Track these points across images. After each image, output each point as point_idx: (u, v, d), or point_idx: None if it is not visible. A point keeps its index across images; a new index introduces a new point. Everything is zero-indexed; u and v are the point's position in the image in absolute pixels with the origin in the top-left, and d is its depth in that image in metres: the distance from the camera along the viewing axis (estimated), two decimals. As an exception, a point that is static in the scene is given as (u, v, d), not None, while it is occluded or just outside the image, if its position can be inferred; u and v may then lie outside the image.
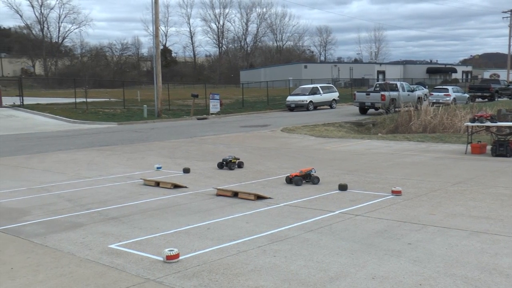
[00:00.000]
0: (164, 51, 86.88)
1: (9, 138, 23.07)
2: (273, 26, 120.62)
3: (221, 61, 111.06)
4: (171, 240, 7.17)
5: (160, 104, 34.09)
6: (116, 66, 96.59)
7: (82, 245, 7.08)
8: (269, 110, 40.23)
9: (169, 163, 14.42)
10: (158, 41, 35.07)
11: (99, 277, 5.89)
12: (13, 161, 15.70)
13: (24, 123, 30.11)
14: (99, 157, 16.19)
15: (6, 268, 6.28)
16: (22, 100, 37.39)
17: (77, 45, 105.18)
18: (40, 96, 48.31)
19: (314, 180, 10.94)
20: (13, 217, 8.77)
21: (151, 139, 21.64)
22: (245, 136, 22.11)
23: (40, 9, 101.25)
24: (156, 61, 34.20)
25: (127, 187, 11.19)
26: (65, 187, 11.41)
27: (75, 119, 31.29)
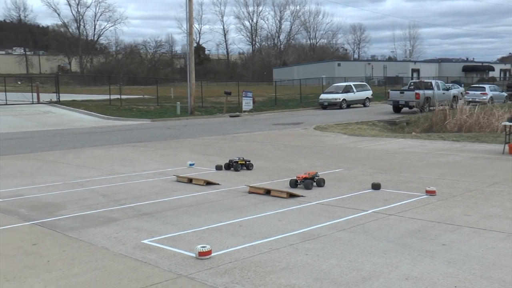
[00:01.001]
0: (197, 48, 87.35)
1: (46, 134, 23.54)
2: (307, 24, 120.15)
3: (254, 59, 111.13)
4: (203, 236, 7.20)
5: (193, 101, 34.30)
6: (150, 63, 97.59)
7: (115, 240, 7.17)
8: (301, 108, 40.09)
9: (202, 160, 14.50)
10: (192, 39, 35.29)
11: (132, 271, 5.96)
12: (50, 156, 16.01)
13: (61, 119, 30.67)
14: (133, 153, 16.39)
15: (43, 260, 6.40)
16: (58, 97, 38.09)
17: (112, 42, 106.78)
18: (76, 92, 49.14)
19: (321, 183, 10.49)
20: (49, 211, 8.95)
21: (184, 136, 21.79)
22: (278, 134, 22.09)
23: (77, 7, 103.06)
24: (190, 58, 34.42)
25: (160, 183, 11.30)
26: (99, 182, 11.58)
27: (110, 115, 31.72)
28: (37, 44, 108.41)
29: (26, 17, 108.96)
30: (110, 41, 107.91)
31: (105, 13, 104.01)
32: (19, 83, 65.38)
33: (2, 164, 14.62)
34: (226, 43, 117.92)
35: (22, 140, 21.16)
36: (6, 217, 8.65)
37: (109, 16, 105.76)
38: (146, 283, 5.58)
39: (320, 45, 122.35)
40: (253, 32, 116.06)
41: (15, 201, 9.79)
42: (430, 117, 25.33)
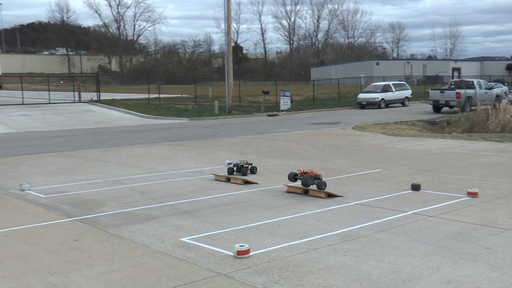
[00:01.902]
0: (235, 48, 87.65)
1: (87, 132, 24.00)
2: (345, 22, 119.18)
3: (291, 58, 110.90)
4: (241, 235, 7.22)
5: (231, 101, 34.44)
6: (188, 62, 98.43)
7: (155, 237, 7.25)
8: (339, 107, 39.82)
9: (239, 159, 14.51)
10: (230, 38, 35.43)
11: (171, 269, 6.01)
12: (90, 154, 16.31)
13: (101, 117, 31.23)
14: (171, 152, 16.55)
15: (85, 256, 6.52)
16: (99, 96, 38.78)
17: (151, 42, 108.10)
18: (116, 91, 49.92)
19: (322, 186, 9.64)
20: (90, 208, 9.11)
21: (221, 135, 21.91)
22: (316, 133, 21.98)
23: (117, 8, 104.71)
24: (228, 58, 34.56)
25: (198, 182, 11.38)
26: (138, 180, 11.73)
27: (148, 114, 32.12)
28: (79, 44, 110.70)
29: (69, 18, 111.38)
30: (149, 41, 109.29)
31: (145, 13, 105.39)
32: (62, 83, 66.88)
33: (46, 161, 14.97)
34: (264, 42, 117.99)
35: (64, 138, 21.63)
36: (49, 213, 8.85)
37: (148, 16, 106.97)
38: (184, 281, 5.62)
39: (358, 44, 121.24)
40: (291, 31, 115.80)
41: (58, 197, 10.01)
42: (472, 117, 24.80)
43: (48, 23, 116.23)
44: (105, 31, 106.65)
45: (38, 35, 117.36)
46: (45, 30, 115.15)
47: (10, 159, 15.47)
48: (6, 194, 10.46)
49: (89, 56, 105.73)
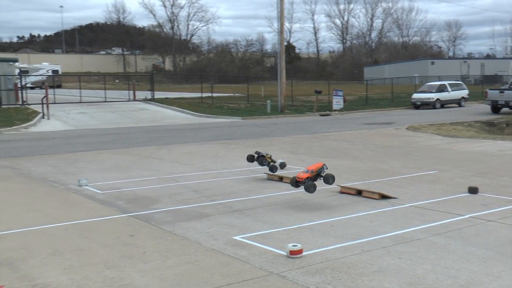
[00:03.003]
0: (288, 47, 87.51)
1: (141, 130, 24.48)
2: (399, 21, 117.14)
3: (344, 57, 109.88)
4: (294, 235, 7.19)
5: (283, 100, 34.41)
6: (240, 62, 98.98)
7: (207, 235, 7.32)
8: (393, 107, 39.16)
9: (291, 158, 14.50)
10: (283, 38, 35.40)
11: (224, 267, 6.05)
12: (144, 152, 16.62)
13: (154, 116, 31.78)
14: (224, 150, 16.67)
15: (139, 251, 6.65)
16: (153, 94, 39.45)
17: (204, 42, 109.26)
18: (169, 90, 50.69)
19: (329, 180, 8.93)
20: (144, 204, 9.28)
21: (274, 134, 21.91)
22: (368, 133, 21.69)
23: (171, 8, 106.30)
24: (281, 57, 34.54)
25: (250, 181, 11.41)
26: (191, 178, 11.87)
27: (201, 113, 32.47)
28: (134, 44, 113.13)
29: (125, 19, 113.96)
30: (202, 40, 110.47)
31: (198, 13, 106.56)
32: (117, 81, 68.48)
33: (102, 158, 15.35)
34: (317, 42, 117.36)
35: (119, 135, 22.12)
36: (105, 208, 9.07)
37: (201, 16, 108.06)
38: (237, 279, 5.65)
39: (413, 43, 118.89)
40: (344, 30, 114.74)
41: (113, 193, 10.25)
42: (533, 118, 23.90)
43: (105, 24, 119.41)
44: (159, 31, 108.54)
45: (96, 35, 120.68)
46: (102, 30, 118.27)
47: (69, 155, 15.95)
48: (65, 189, 10.78)
49: (144, 55, 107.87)
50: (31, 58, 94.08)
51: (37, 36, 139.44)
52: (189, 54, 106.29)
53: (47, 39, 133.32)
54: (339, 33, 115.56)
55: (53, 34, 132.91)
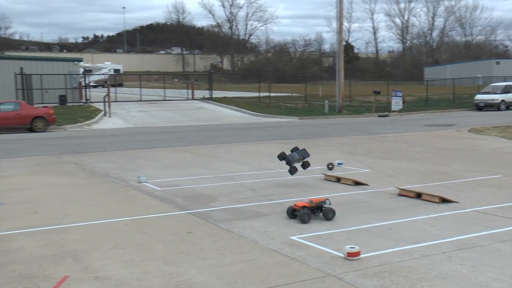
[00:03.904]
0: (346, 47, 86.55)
1: (199, 129, 24.80)
2: (462, 19, 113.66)
3: (404, 57, 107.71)
4: (351, 237, 7.10)
5: (341, 100, 34.10)
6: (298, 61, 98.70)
7: (264, 234, 7.33)
8: (454, 109, 38.10)
9: (349, 159, 14.34)
10: (342, 37, 35.07)
11: (280, 266, 6.04)
12: (202, 150, 16.82)
13: (212, 114, 32.13)
14: (281, 150, 16.61)
15: (197, 248, 6.73)
16: (211, 93, 39.90)
17: (262, 41, 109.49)
18: (227, 90, 51.13)
19: (328, 214, 7.99)
20: (202, 202, 9.39)
21: (331, 134, 21.74)
22: (428, 135, 21.18)
23: (230, 8, 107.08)
24: (339, 57, 34.24)
25: (308, 181, 11.35)
26: (248, 177, 11.92)
27: (258, 112, 32.58)
28: (193, 44, 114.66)
29: (184, 19, 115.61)
30: (261, 40, 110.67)
31: (256, 13, 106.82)
32: (176, 80, 69.61)
33: (161, 155, 15.65)
34: (376, 41, 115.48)
35: (178, 133, 22.49)
36: (164, 205, 9.24)
37: (260, 16, 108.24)
38: (294, 279, 5.63)
39: (477, 42, 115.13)
40: (404, 29, 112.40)
41: (172, 190, 10.43)
42: None
43: (165, 24, 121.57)
44: (218, 31, 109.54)
45: (156, 35, 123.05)
46: (162, 30, 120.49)
47: (129, 152, 16.34)
48: (126, 185, 11.05)
49: (202, 55, 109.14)
50: (94, 57, 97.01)
51: (101, 36, 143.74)
52: (247, 54, 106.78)
53: (110, 39, 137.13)
54: (399, 32, 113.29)
55: (116, 35, 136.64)
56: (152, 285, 5.54)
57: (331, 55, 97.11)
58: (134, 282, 5.61)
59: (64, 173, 12.62)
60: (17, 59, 39.02)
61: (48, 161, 14.63)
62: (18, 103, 24.87)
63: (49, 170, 13.08)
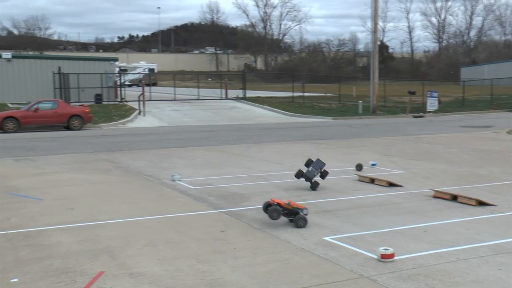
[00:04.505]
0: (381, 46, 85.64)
1: (232, 128, 24.88)
2: (502, 18, 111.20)
3: (440, 57, 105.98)
4: (385, 238, 7.02)
5: (375, 100, 33.77)
6: (332, 61, 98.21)
7: (297, 235, 7.31)
8: (492, 110, 37.31)
9: (383, 160, 14.19)
10: (376, 37, 34.73)
11: (313, 267, 6.02)
12: (235, 149, 16.87)
13: (245, 114, 32.18)
14: (314, 150, 16.58)
15: (230, 247, 6.76)
16: (244, 93, 39.98)
17: (296, 41, 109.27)
18: (260, 89, 51.17)
19: (299, 222, 7.61)
20: (235, 201, 9.42)
21: (365, 135, 21.55)
22: (465, 136, 20.80)
23: (264, 8, 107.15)
24: (374, 56, 33.92)
25: (341, 182, 11.28)
26: (281, 177, 11.90)
27: (292, 112, 32.50)
28: (227, 43, 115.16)
29: (218, 19, 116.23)
30: (294, 40, 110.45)
31: (290, 13, 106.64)
32: (210, 80, 70.04)
33: (194, 154, 15.75)
34: (411, 41, 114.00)
35: (211, 133, 22.60)
36: (197, 203, 9.31)
37: (294, 16, 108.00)
38: (327, 280, 5.60)
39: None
40: (440, 28, 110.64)
41: (205, 189, 10.48)
42: None
43: (199, 24, 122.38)
44: (252, 30, 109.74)
45: (190, 35, 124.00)
46: (196, 30, 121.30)
47: (163, 151, 16.50)
48: (160, 183, 11.16)
49: (236, 55, 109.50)
50: (129, 57, 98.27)
51: (136, 36, 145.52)
52: (281, 54, 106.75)
53: (145, 39, 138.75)
54: (435, 31, 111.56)
55: (150, 34, 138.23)
56: (186, 283, 5.58)
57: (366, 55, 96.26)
58: (168, 280, 5.66)
59: (99, 171, 12.82)
60: (55, 58, 39.83)
61: (84, 159, 14.88)
62: (56, 102, 25.38)
63: (85, 168, 13.31)
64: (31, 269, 6.02)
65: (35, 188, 10.56)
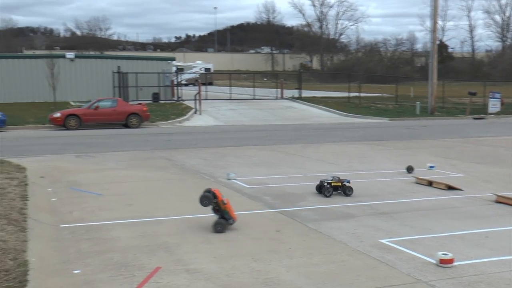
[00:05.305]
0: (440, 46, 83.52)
1: (287, 128, 24.85)
2: None
3: (503, 57, 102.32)
4: (444, 243, 6.85)
5: (434, 101, 33.00)
6: (389, 61, 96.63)
7: (353, 236, 7.23)
8: (558, 112, 35.79)
9: (441, 163, 13.84)
10: (436, 36, 33.95)
11: (370, 269, 5.94)
12: (290, 149, 16.84)
13: (301, 114, 32.08)
14: (370, 151, 16.36)
15: (285, 247, 6.75)
16: (300, 93, 39.86)
17: (353, 41, 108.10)
18: (316, 89, 50.85)
19: (217, 226, 7.43)
20: (291, 201, 9.40)
21: (423, 136, 21.09)
22: (529, 140, 20.03)
23: (320, 7, 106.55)
24: (432, 56, 33.16)
25: (398, 184, 11.08)
26: (337, 177, 11.78)
27: (348, 112, 32.17)
28: (282, 43, 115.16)
29: (274, 19, 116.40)
30: (351, 39, 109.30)
31: (347, 12, 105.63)
32: (265, 79, 70.20)
33: (249, 153, 15.82)
34: (472, 40, 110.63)
35: (266, 132, 22.64)
36: (253, 203, 9.34)
37: (350, 15, 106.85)
38: (383, 283, 5.51)
39: None
40: (504, 27, 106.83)
41: (260, 188, 10.51)
42: None
43: (255, 23, 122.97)
44: (308, 30, 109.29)
45: (246, 35, 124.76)
46: (252, 30, 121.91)
47: (219, 150, 16.65)
48: (215, 182, 11.26)
49: (292, 54, 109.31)
50: (186, 57, 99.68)
51: (192, 36, 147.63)
52: (337, 53, 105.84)
53: (201, 38, 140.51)
54: (498, 30, 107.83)
55: (207, 34, 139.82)
56: (241, 281, 5.61)
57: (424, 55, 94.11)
58: (223, 277, 5.71)
59: (156, 168, 13.07)
60: (114, 58, 40.89)
61: (141, 156, 15.20)
62: (115, 100, 26.04)
63: (142, 165, 13.59)
64: (92, 261, 6.20)
65: (95, 184, 10.86)
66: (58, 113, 24.04)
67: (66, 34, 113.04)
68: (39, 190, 10.01)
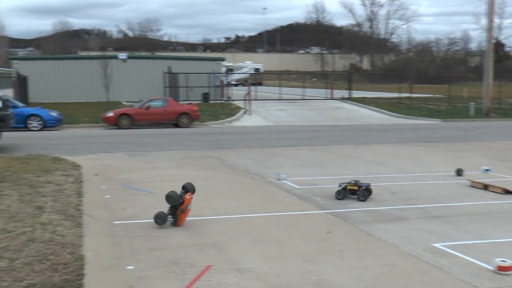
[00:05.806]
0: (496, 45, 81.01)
1: (338, 128, 24.65)
2: None
3: None
4: (502, 249, 6.64)
5: (489, 102, 32.09)
6: (441, 61, 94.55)
7: (405, 239, 7.10)
8: None
9: (498, 166, 13.42)
10: (491, 35, 32.99)
11: (422, 273, 5.82)
12: (340, 150, 16.69)
13: (351, 115, 31.78)
14: (422, 153, 16.04)
15: (336, 248, 6.69)
16: (350, 93, 39.50)
17: (404, 40, 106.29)
18: (366, 90, 50.27)
19: (157, 219, 7.63)
20: (342, 202, 9.31)
21: (477, 138, 20.52)
22: None
23: (370, 7, 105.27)
24: (488, 56, 32.24)
25: (452, 187, 10.81)
26: (388, 179, 11.62)
27: (399, 113, 31.66)
28: (332, 43, 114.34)
29: (324, 19, 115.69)
30: (402, 39, 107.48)
31: (398, 11, 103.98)
32: (315, 80, 69.91)
33: (299, 154, 15.77)
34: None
35: (316, 133, 22.52)
36: (303, 203, 9.31)
37: (401, 14, 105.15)
38: (437, 288, 5.39)
39: None
40: None
41: (311, 189, 10.46)
42: None
43: (304, 23, 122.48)
44: (358, 30, 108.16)
45: (295, 35, 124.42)
46: (302, 30, 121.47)
47: (268, 150, 16.67)
48: (265, 182, 11.28)
49: (342, 54, 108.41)
50: (235, 57, 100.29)
51: (242, 36, 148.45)
52: (388, 53, 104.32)
53: (251, 39, 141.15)
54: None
55: (256, 35, 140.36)
56: (292, 282, 5.59)
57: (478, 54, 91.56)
58: (274, 277, 5.71)
59: (206, 167, 13.18)
60: (165, 58, 41.60)
61: (192, 155, 15.37)
62: (166, 100, 26.45)
63: (192, 164, 13.74)
64: (144, 258, 6.31)
65: (146, 182, 11.05)
66: (111, 112, 24.62)
67: (119, 36, 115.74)
68: (93, 187, 10.27)
